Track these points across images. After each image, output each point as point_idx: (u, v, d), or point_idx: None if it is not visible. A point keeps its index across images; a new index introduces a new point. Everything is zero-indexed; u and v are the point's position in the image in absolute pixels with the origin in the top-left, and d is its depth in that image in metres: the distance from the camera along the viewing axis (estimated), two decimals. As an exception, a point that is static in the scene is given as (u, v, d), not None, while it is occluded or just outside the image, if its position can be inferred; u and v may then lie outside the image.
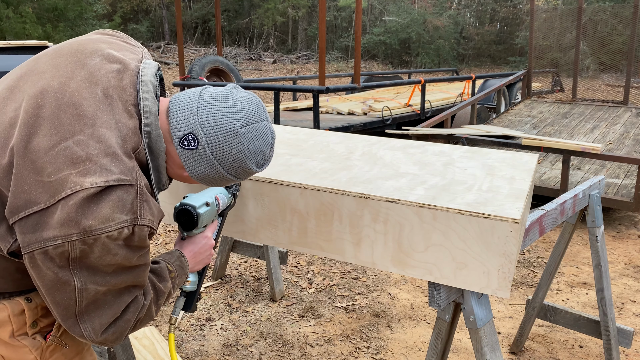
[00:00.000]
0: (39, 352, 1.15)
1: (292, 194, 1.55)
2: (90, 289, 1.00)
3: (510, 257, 1.31)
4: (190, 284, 1.40)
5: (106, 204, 0.96)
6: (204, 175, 1.17)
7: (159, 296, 1.15)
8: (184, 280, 1.28)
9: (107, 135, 1.02)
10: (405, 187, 1.50)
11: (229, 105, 1.13)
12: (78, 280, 0.98)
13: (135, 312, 1.08)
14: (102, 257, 0.98)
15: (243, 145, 1.13)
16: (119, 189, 0.98)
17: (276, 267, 3.28)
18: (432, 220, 1.38)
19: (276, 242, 1.63)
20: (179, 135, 1.12)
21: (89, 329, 1.02)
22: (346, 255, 1.53)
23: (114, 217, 0.97)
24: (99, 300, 1.02)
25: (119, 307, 1.05)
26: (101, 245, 0.96)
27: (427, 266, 1.42)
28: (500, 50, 22.85)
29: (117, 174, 0.98)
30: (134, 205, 0.99)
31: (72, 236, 0.94)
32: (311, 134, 2.15)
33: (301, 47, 25.15)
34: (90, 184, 0.96)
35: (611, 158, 4.35)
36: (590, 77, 13.88)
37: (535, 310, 2.60)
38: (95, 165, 0.98)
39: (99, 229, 0.95)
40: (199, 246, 1.35)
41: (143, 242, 1.03)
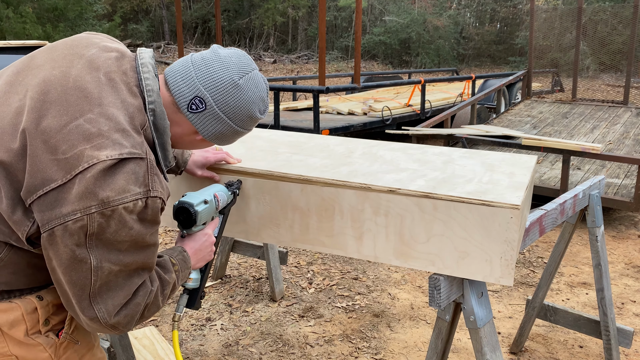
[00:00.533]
0: (52, 349, 1.17)
1: (293, 191, 1.56)
2: (105, 268, 1.03)
3: (512, 243, 1.31)
4: (192, 282, 1.40)
5: (121, 176, 1.01)
6: (217, 133, 1.22)
7: (164, 286, 1.18)
8: (187, 275, 1.30)
9: (116, 113, 1.06)
10: (405, 179, 1.51)
11: (221, 62, 1.20)
12: (94, 258, 1.01)
13: (145, 297, 1.11)
14: (118, 231, 1.01)
15: (245, 95, 1.20)
16: (132, 162, 1.03)
17: (276, 267, 3.28)
18: (432, 211, 1.38)
19: (279, 240, 1.63)
20: (186, 101, 1.17)
21: (102, 310, 1.05)
22: (349, 250, 1.53)
23: (129, 189, 1.01)
24: (111, 282, 1.05)
25: (130, 288, 1.08)
26: (118, 218, 1.00)
27: (429, 257, 1.43)
28: (500, 50, 22.84)
29: (129, 148, 1.03)
30: (145, 178, 1.04)
31: (91, 208, 0.98)
32: (311, 137, 2.16)
33: (301, 47, 25.15)
34: (106, 156, 1.00)
35: (611, 158, 4.35)
36: (590, 77, 13.88)
37: (535, 310, 2.60)
38: (108, 140, 1.02)
39: (116, 200, 0.99)
40: (200, 243, 1.36)
41: (156, 215, 1.07)
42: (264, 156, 1.78)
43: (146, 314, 1.13)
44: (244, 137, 2.12)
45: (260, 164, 1.67)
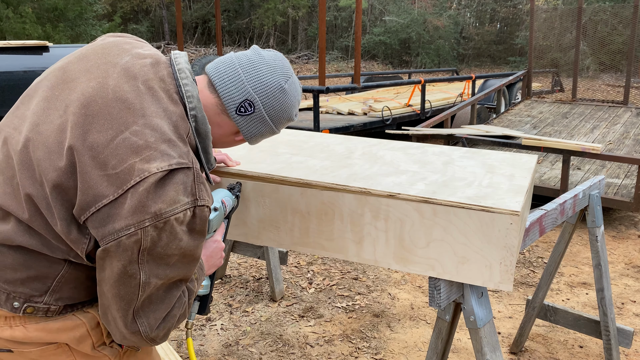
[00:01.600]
0: (117, 359, 1.22)
1: (293, 194, 1.55)
2: (152, 283, 1.04)
3: (512, 249, 1.31)
4: (203, 288, 1.42)
5: (171, 187, 1.01)
6: (258, 134, 1.26)
7: (191, 296, 1.19)
8: (201, 280, 1.30)
9: (160, 124, 1.05)
10: (405, 183, 1.50)
11: (268, 66, 1.21)
12: (144, 273, 1.02)
13: (180, 308, 1.12)
14: (169, 244, 1.02)
15: (289, 99, 1.24)
16: (180, 172, 1.03)
17: (276, 267, 3.28)
18: (432, 216, 1.38)
19: (278, 243, 1.63)
20: (235, 104, 1.19)
21: (145, 324, 1.06)
22: (348, 254, 1.53)
23: (178, 199, 1.02)
24: (153, 295, 1.06)
25: (170, 301, 1.09)
26: (169, 230, 1.01)
27: (429, 262, 1.43)
28: (500, 50, 22.84)
29: (177, 158, 1.03)
30: (193, 187, 1.05)
31: (145, 222, 0.98)
32: (311, 135, 2.16)
33: (301, 47, 25.15)
34: (157, 169, 1.00)
35: (611, 158, 4.35)
36: (590, 77, 13.88)
37: (535, 310, 2.60)
38: (156, 151, 1.02)
39: (167, 212, 1.00)
40: (210, 250, 1.37)
41: (204, 224, 1.08)
42: (264, 157, 1.78)
43: (176, 325, 1.14)
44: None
45: (260, 166, 1.66)
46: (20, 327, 1.11)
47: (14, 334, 1.12)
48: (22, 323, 1.12)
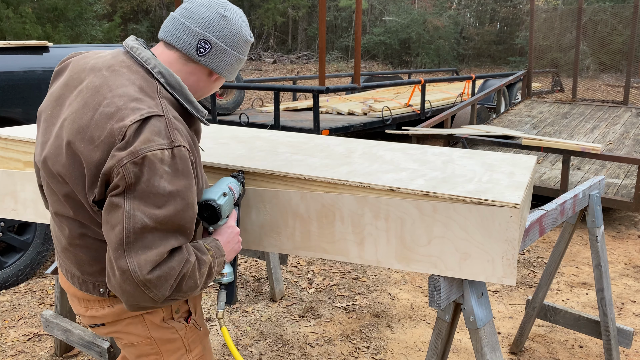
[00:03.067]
0: (183, 332, 1.42)
1: (293, 198, 1.55)
2: (138, 218, 1.12)
3: (513, 243, 1.31)
4: (227, 276, 1.44)
5: (145, 131, 1.15)
6: (227, 65, 1.36)
7: (201, 265, 1.23)
8: (221, 263, 1.34)
9: (125, 90, 1.21)
10: (405, 179, 1.51)
11: (202, 6, 1.33)
12: (128, 204, 1.12)
13: (180, 263, 1.17)
14: (151, 180, 1.12)
15: (234, 22, 1.34)
16: (152, 119, 1.17)
17: (276, 267, 3.28)
18: (432, 213, 1.38)
19: (280, 248, 1.63)
20: (193, 48, 1.30)
21: (134, 263, 1.11)
22: (350, 255, 1.53)
23: (153, 139, 1.14)
24: (146, 238, 1.13)
25: (164, 248, 1.14)
26: (149, 166, 1.12)
27: (431, 259, 1.43)
28: (500, 50, 22.83)
29: (146, 109, 1.17)
30: (167, 131, 1.17)
31: (123, 160, 1.12)
32: (311, 137, 2.16)
33: (301, 47, 25.15)
34: (130, 121, 1.15)
35: (611, 158, 4.35)
36: (590, 77, 13.88)
37: (535, 311, 2.60)
38: (127, 110, 1.17)
39: (143, 149, 1.12)
40: (227, 235, 1.42)
41: (185, 164, 1.18)
42: (264, 156, 1.78)
43: (184, 287, 1.18)
44: (244, 137, 2.12)
45: (260, 163, 1.67)
46: (110, 307, 1.36)
47: (105, 312, 1.37)
48: (111, 304, 1.36)
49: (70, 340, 2.41)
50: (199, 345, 1.48)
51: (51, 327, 2.51)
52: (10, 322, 3.05)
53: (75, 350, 2.74)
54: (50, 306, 3.22)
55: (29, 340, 2.86)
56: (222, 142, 2.03)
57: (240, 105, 7.16)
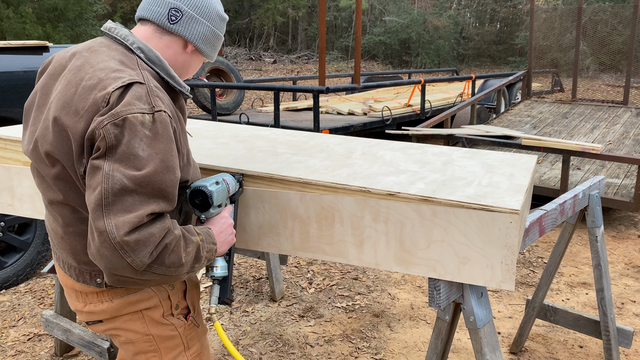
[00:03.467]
0: (182, 329, 1.43)
1: (292, 199, 1.55)
2: (117, 178, 1.11)
3: (512, 248, 1.31)
4: (220, 269, 1.41)
5: (127, 96, 1.17)
6: (201, 35, 1.37)
7: (187, 242, 1.22)
8: (212, 250, 1.32)
9: (106, 65, 1.24)
10: (405, 182, 1.50)
11: None
12: (107, 165, 1.12)
13: (162, 231, 1.14)
14: (131, 141, 1.13)
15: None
16: (134, 85, 1.19)
17: (276, 267, 3.28)
18: (432, 217, 1.38)
19: (279, 249, 1.63)
20: (165, 17, 1.33)
21: (111, 224, 1.10)
22: (349, 257, 1.53)
23: (133, 103, 1.16)
24: (126, 201, 1.11)
25: (144, 211, 1.12)
26: (130, 127, 1.13)
27: (430, 263, 1.42)
28: (500, 50, 22.83)
29: (127, 77, 1.20)
30: (148, 97, 1.19)
31: (104, 122, 1.13)
32: (311, 136, 2.16)
33: (301, 47, 25.15)
34: (113, 88, 1.17)
35: (611, 158, 4.35)
36: (590, 77, 13.87)
37: (535, 310, 2.60)
38: (108, 79, 1.19)
39: (123, 111, 1.14)
40: (219, 225, 1.41)
41: (166, 128, 1.19)
42: (264, 157, 1.78)
43: (166, 260, 1.15)
44: (244, 136, 2.12)
45: (260, 165, 1.66)
46: (109, 301, 1.35)
47: (103, 308, 1.36)
48: (110, 298, 1.35)
49: (70, 340, 2.41)
50: (197, 342, 1.48)
51: (51, 327, 2.51)
52: (11, 322, 3.05)
53: (76, 350, 2.74)
54: (51, 306, 3.22)
55: (29, 340, 2.86)
56: (222, 141, 2.03)
57: (240, 105, 7.16)
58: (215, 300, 1.42)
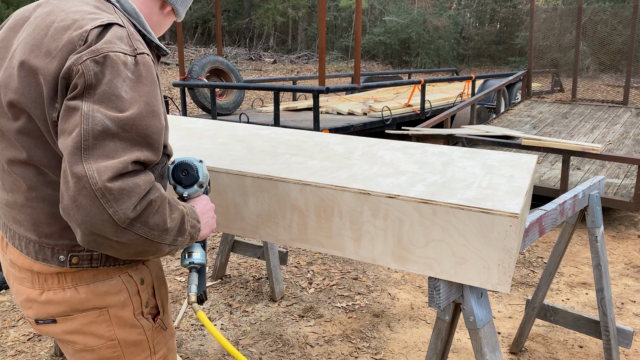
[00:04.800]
0: (150, 332, 1.30)
1: (292, 190, 1.56)
2: (98, 119, 1.00)
3: (511, 252, 1.31)
4: (199, 256, 1.29)
5: (107, 35, 1.08)
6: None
7: (173, 208, 1.10)
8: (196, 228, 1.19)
9: (80, 8, 1.15)
10: (404, 184, 1.51)
11: None
12: (86, 106, 1.02)
13: (147, 184, 1.03)
14: (113, 81, 1.03)
15: None
16: (114, 26, 1.11)
17: (276, 267, 3.28)
18: (432, 216, 1.38)
19: (276, 238, 1.64)
20: None
21: (92, 169, 0.98)
22: (346, 251, 1.53)
23: (115, 42, 1.07)
24: (108, 146, 1.00)
25: (128, 157, 1.01)
26: (111, 65, 1.04)
27: (427, 261, 1.43)
28: (500, 50, 22.84)
29: (106, 18, 1.12)
30: (129, 40, 1.10)
31: (83, 57, 1.04)
32: (311, 135, 2.16)
33: (301, 47, 25.15)
34: (91, 26, 1.09)
35: (611, 158, 4.35)
36: (590, 77, 13.88)
37: (535, 310, 2.60)
38: (85, 20, 1.11)
39: (105, 47, 1.05)
40: (201, 205, 1.30)
41: (150, 71, 1.10)
42: (263, 158, 1.78)
43: (150, 219, 1.03)
44: (244, 135, 2.12)
45: (259, 167, 1.67)
46: (72, 289, 1.19)
47: (65, 297, 1.19)
48: (74, 284, 1.19)
49: (70, 340, 2.41)
50: (163, 347, 1.37)
51: (51, 327, 2.51)
52: (10, 322, 3.05)
53: (75, 350, 2.74)
54: (50, 306, 3.22)
55: (29, 340, 2.86)
56: (221, 141, 2.03)
57: (240, 105, 7.16)
58: (195, 289, 1.28)
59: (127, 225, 1.00)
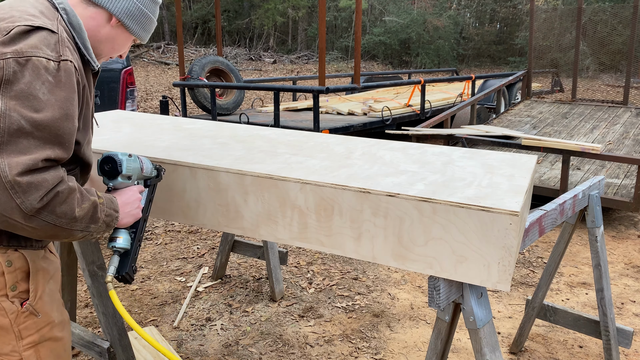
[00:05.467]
0: (14, 316, 1.29)
1: (292, 189, 1.56)
2: (14, 118, 1.09)
3: (511, 250, 1.31)
4: (122, 241, 1.43)
5: (34, 38, 1.15)
6: (126, 10, 1.36)
7: (84, 198, 1.22)
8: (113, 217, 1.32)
9: (25, 9, 1.22)
10: (405, 183, 1.51)
11: None
12: (3, 104, 1.10)
13: (55, 180, 1.14)
14: (33, 83, 1.11)
15: None
16: (44, 31, 1.18)
17: (276, 267, 3.28)
18: (432, 214, 1.38)
19: (276, 237, 1.64)
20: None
21: (4, 163, 1.08)
22: (346, 250, 1.54)
23: (41, 47, 1.15)
24: (21, 143, 1.10)
25: (39, 155, 1.11)
26: (32, 68, 1.12)
27: (427, 260, 1.43)
28: (500, 50, 22.85)
29: (40, 22, 1.19)
30: (57, 46, 1.18)
31: (7, 54, 1.11)
32: (311, 136, 2.16)
33: (301, 47, 25.16)
34: (20, 24, 1.16)
35: (611, 158, 4.35)
36: (590, 77, 13.88)
37: (535, 310, 2.60)
38: (21, 19, 1.18)
39: (29, 52, 1.13)
40: (126, 196, 1.42)
41: (70, 78, 1.18)
42: (263, 158, 1.78)
43: (57, 210, 1.14)
44: (244, 136, 2.12)
45: (259, 166, 1.67)
46: None
47: None
48: None
49: (70, 340, 2.41)
50: (34, 333, 1.33)
51: (51, 327, 2.51)
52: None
53: (75, 350, 2.74)
54: (50, 306, 3.22)
55: (29, 340, 2.86)
56: (222, 141, 2.03)
57: (240, 106, 7.16)
58: (113, 270, 1.43)
59: (34, 214, 1.11)
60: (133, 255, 1.47)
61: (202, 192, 1.72)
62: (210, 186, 1.70)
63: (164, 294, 3.37)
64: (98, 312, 2.15)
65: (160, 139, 2.08)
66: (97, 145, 1.89)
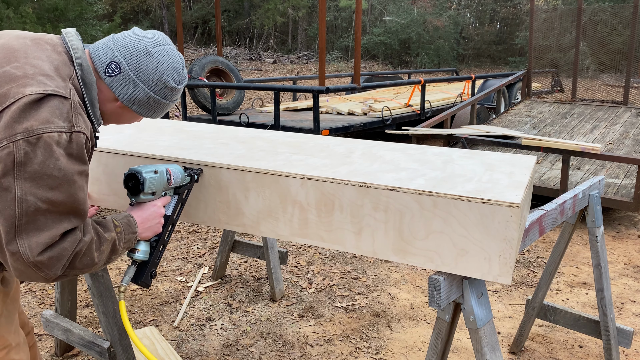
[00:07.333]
0: None
1: (293, 185, 1.56)
2: (30, 202, 1.08)
3: (511, 242, 1.32)
4: (140, 253, 1.44)
5: (45, 109, 1.11)
6: (133, 97, 1.32)
7: (101, 242, 1.24)
8: (132, 240, 1.34)
9: (41, 64, 1.18)
10: (405, 179, 1.51)
11: (137, 35, 1.33)
12: (19, 188, 1.08)
13: (73, 244, 1.16)
14: (45, 162, 1.09)
15: (157, 62, 1.31)
16: (56, 99, 1.13)
17: (276, 267, 3.28)
18: (432, 208, 1.39)
19: (277, 234, 1.64)
20: (103, 66, 1.29)
21: (25, 245, 1.09)
22: (347, 245, 1.54)
23: (52, 121, 1.11)
24: (39, 221, 1.10)
25: (57, 230, 1.13)
26: (43, 146, 1.08)
27: (428, 254, 1.43)
28: (500, 50, 22.84)
29: (53, 87, 1.14)
30: (69, 115, 1.14)
31: (17, 136, 1.07)
32: (312, 137, 2.17)
33: (301, 47, 25.15)
34: (30, 92, 1.10)
35: (611, 158, 4.35)
36: (590, 77, 13.87)
37: (535, 310, 2.60)
38: (33, 80, 1.13)
39: (40, 129, 1.08)
40: (148, 212, 1.42)
41: (81, 150, 1.16)
42: (264, 156, 1.78)
43: (77, 264, 1.18)
44: (245, 137, 2.12)
45: (260, 163, 1.67)
46: None
47: None
48: None
49: (70, 340, 2.42)
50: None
51: (51, 327, 2.51)
52: (11, 322, 3.05)
53: (76, 350, 2.74)
54: (51, 306, 3.22)
55: (29, 340, 2.86)
56: (222, 142, 2.04)
57: (240, 106, 7.16)
58: (127, 280, 1.46)
59: (57, 277, 1.16)
60: (153, 261, 1.49)
61: (203, 189, 1.73)
62: (211, 183, 1.70)
63: (164, 294, 3.37)
64: (98, 312, 2.15)
65: (161, 139, 2.08)
66: (98, 145, 1.89)
